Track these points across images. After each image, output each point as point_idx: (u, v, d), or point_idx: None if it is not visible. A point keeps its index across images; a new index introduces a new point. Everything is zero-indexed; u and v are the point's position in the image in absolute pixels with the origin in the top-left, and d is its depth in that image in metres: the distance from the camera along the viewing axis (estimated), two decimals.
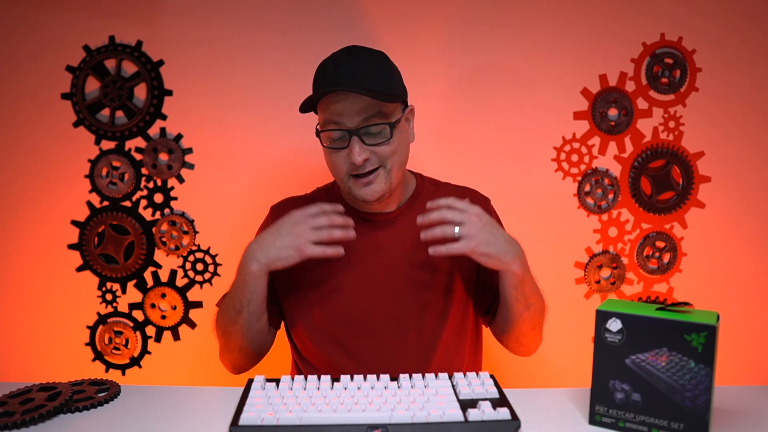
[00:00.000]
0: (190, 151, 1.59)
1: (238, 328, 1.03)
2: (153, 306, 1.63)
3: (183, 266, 1.62)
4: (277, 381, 0.87)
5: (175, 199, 1.61)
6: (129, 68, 1.57)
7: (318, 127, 1.04)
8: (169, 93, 1.57)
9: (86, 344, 1.64)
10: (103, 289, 1.63)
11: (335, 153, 1.02)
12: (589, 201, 1.61)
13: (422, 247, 1.08)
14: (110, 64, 1.57)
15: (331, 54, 1.04)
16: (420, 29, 1.55)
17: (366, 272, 1.08)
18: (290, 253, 0.96)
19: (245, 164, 1.59)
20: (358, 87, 0.95)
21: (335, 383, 0.85)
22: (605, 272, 1.64)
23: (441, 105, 1.57)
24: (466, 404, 0.79)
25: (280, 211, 1.17)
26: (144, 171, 1.60)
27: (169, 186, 1.60)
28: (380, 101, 0.98)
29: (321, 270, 1.08)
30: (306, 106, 1.02)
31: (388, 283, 1.07)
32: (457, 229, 0.91)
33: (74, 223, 1.61)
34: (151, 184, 1.60)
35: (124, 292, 1.63)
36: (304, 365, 1.13)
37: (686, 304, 0.79)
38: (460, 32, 1.56)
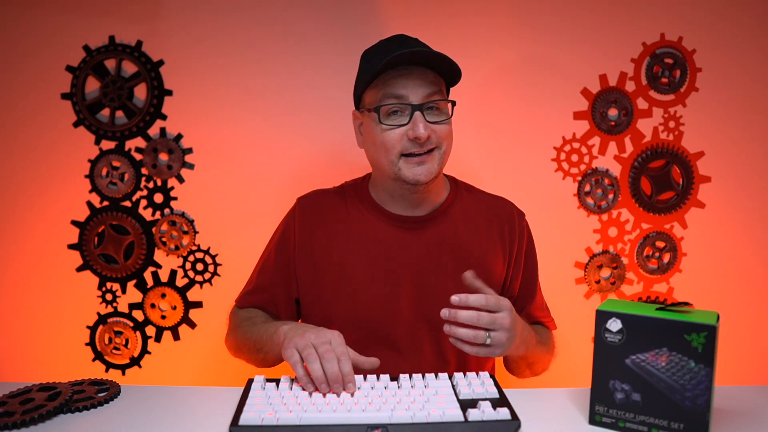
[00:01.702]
0: (190, 151, 1.59)
1: (252, 357, 1.05)
2: (153, 306, 1.63)
3: (183, 266, 1.62)
4: (277, 381, 0.86)
5: (175, 199, 1.61)
6: (129, 68, 1.57)
7: (369, 106, 1.01)
8: (169, 93, 1.57)
9: (86, 344, 1.64)
10: (103, 289, 1.63)
11: (390, 131, 0.99)
12: (589, 201, 1.61)
13: (449, 255, 1.06)
14: (110, 64, 1.57)
15: (386, 38, 1.04)
16: (416, 31, 1.54)
17: (388, 276, 1.06)
18: (302, 345, 0.86)
19: (245, 164, 1.58)
20: (436, 52, 0.95)
21: None
22: (605, 272, 1.64)
23: None
24: (466, 404, 0.79)
25: (307, 202, 1.15)
26: (144, 171, 1.60)
27: (169, 186, 1.60)
28: (439, 82, 0.99)
29: (343, 270, 1.07)
30: (366, 80, 1.00)
31: (409, 290, 1.05)
32: (488, 339, 0.87)
33: (74, 223, 1.61)
34: (151, 184, 1.60)
35: (124, 292, 1.63)
36: None
37: (686, 304, 0.79)
38: (458, 32, 1.56)
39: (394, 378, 0.87)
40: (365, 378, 0.86)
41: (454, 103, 1.01)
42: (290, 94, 1.57)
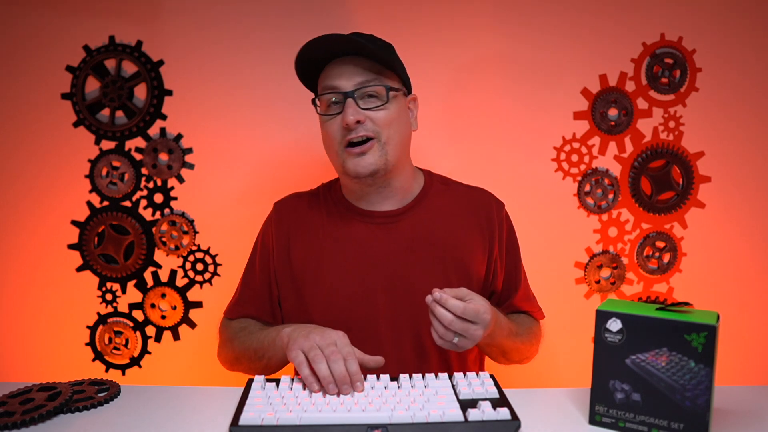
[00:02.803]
0: (190, 151, 1.59)
1: (253, 366, 1.03)
2: (153, 306, 1.63)
3: (183, 266, 1.62)
4: (277, 381, 0.86)
5: (175, 199, 1.61)
6: (129, 68, 1.57)
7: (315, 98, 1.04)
8: (169, 93, 1.57)
9: (86, 344, 1.64)
10: (103, 289, 1.63)
11: (329, 121, 1.01)
12: (589, 201, 1.61)
13: (423, 249, 1.06)
14: (110, 64, 1.57)
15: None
16: (419, 29, 1.55)
17: (363, 274, 1.05)
18: (307, 346, 0.86)
19: (245, 164, 1.59)
20: (350, 37, 0.96)
21: None
22: (605, 272, 1.64)
23: (440, 104, 1.57)
24: (466, 404, 0.79)
25: (283, 207, 1.16)
26: (144, 171, 1.60)
27: (169, 186, 1.60)
28: (378, 71, 0.99)
29: (320, 271, 1.07)
30: (304, 74, 1.03)
31: (385, 286, 1.05)
32: (455, 339, 0.88)
33: (74, 223, 1.61)
34: (151, 184, 1.60)
35: (124, 292, 1.63)
36: None
37: (686, 304, 0.79)
38: (459, 32, 1.56)
39: (394, 378, 0.87)
40: (365, 378, 0.86)
41: (388, 88, 1.00)
42: (290, 93, 1.57)
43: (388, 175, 1.04)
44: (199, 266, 1.62)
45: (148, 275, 1.63)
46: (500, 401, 0.80)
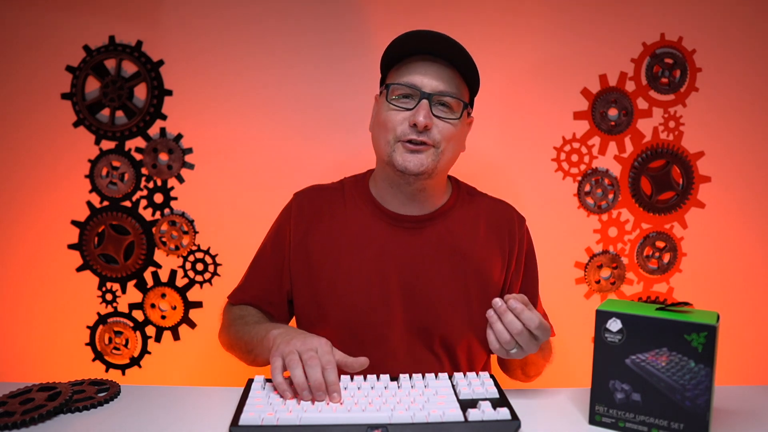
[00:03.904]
0: (190, 151, 1.59)
1: (244, 357, 1.03)
2: (153, 306, 1.63)
3: (183, 266, 1.62)
4: None
5: (175, 199, 1.61)
6: (129, 68, 1.57)
7: (384, 84, 1.02)
8: (169, 93, 1.57)
9: (86, 344, 1.64)
10: (103, 289, 1.63)
11: (394, 111, 0.99)
12: (589, 201, 1.61)
13: (445, 258, 1.05)
14: (110, 64, 1.57)
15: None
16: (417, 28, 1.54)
17: (382, 277, 1.04)
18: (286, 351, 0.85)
19: (245, 164, 1.59)
20: (457, 45, 0.97)
21: None
22: (605, 272, 1.64)
23: None
24: (466, 404, 0.79)
25: (303, 198, 1.13)
26: (144, 171, 1.60)
27: (169, 186, 1.60)
28: (458, 83, 1.00)
29: (338, 269, 1.05)
30: (392, 56, 1.01)
31: (405, 291, 1.04)
32: (514, 350, 0.85)
33: (74, 223, 1.61)
34: (151, 184, 1.60)
35: (124, 292, 1.63)
36: None
37: (686, 304, 0.79)
38: (459, 32, 1.55)
39: (394, 378, 0.87)
40: (365, 378, 0.86)
41: (465, 105, 1.01)
42: (290, 93, 1.57)
43: (427, 181, 1.03)
44: (199, 266, 1.62)
45: (148, 275, 1.63)
46: (500, 401, 0.80)
